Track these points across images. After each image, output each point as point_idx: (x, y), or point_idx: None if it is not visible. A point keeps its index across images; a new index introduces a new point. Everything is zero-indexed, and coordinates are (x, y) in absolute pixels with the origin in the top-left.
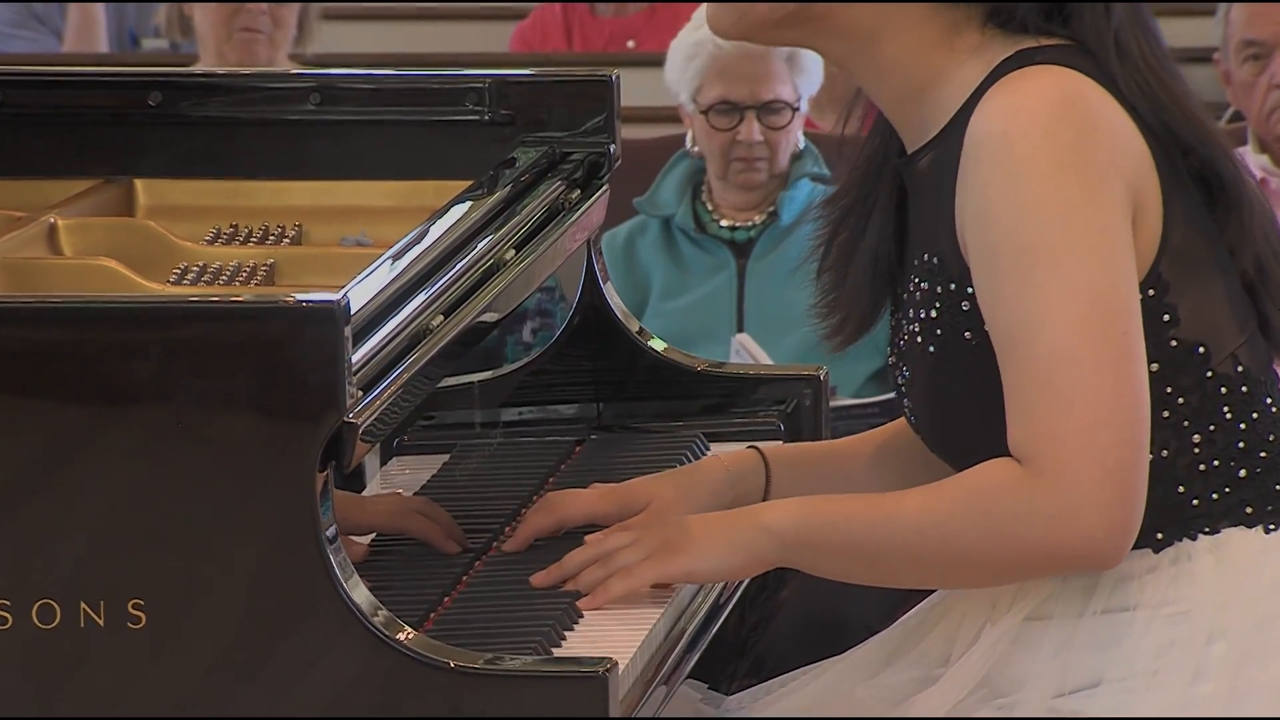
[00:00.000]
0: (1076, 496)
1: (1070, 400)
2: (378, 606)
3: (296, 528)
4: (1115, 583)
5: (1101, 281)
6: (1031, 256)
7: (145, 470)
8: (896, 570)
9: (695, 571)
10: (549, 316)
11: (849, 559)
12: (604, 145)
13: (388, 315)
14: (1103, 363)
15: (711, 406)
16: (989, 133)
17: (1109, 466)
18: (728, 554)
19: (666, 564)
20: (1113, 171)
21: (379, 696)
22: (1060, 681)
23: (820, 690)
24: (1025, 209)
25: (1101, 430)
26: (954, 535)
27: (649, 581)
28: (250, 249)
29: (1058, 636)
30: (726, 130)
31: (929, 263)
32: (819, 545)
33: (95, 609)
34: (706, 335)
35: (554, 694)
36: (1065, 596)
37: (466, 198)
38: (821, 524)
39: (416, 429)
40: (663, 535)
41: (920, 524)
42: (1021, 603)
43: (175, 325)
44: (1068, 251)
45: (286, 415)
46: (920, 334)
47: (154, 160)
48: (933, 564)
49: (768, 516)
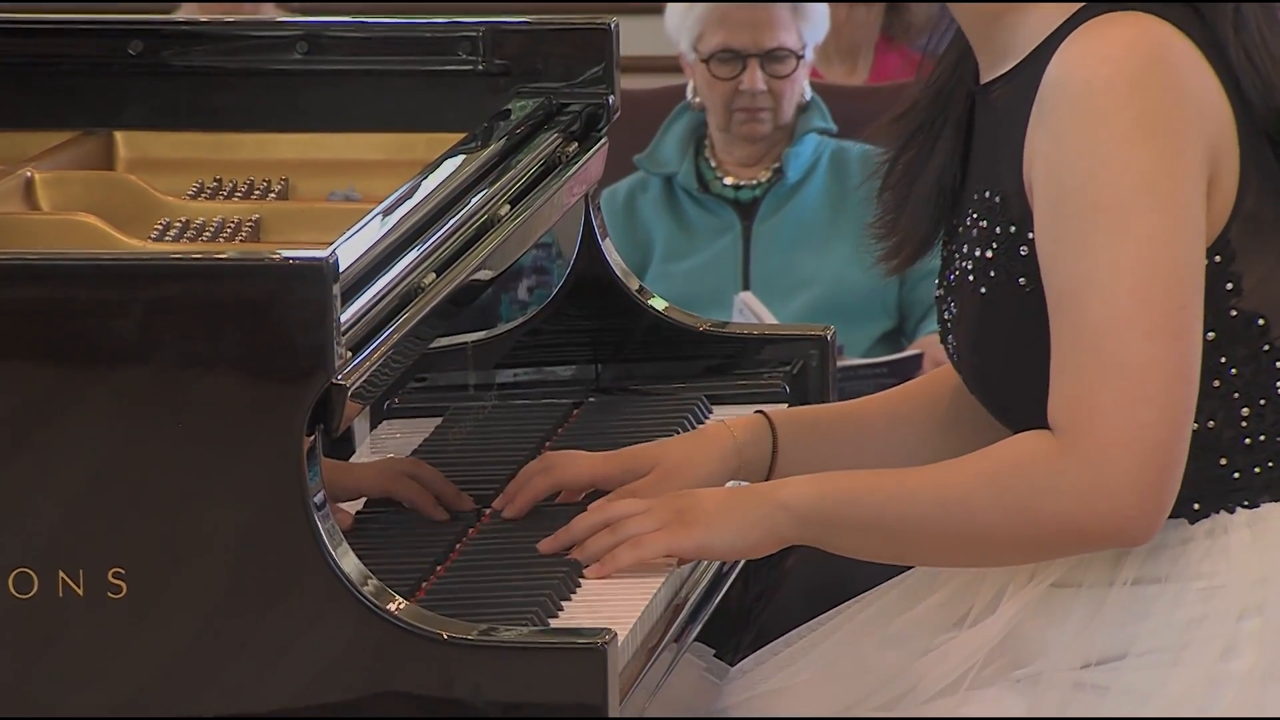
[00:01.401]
0: (1109, 473)
1: (1117, 370)
2: (367, 575)
3: (283, 494)
4: (1148, 552)
5: (1166, 251)
6: (1097, 215)
7: (126, 434)
8: (917, 547)
9: (709, 547)
10: (545, 274)
11: (868, 536)
12: (603, 96)
13: (378, 273)
14: (1156, 335)
15: (714, 368)
16: (1070, 79)
17: (1147, 445)
18: (742, 531)
19: (680, 537)
20: (1193, 135)
21: (369, 669)
22: (1086, 653)
23: (829, 653)
24: (1098, 166)
25: (1144, 406)
26: (978, 509)
27: (660, 553)
28: (235, 204)
29: (1086, 606)
30: (728, 79)
31: (990, 200)
32: (837, 522)
33: (74, 578)
34: (711, 299)
35: (551, 666)
36: (1095, 563)
37: (459, 151)
38: (839, 500)
39: (407, 391)
40: (676, 506)
41: (942, 497)
42: (1049, 566)
43: (157, 284)
44: (1136, 215)
45: (273, 377)
46: (973, 272)
47: (135, 111)
48: (954, 540)
49: (784, 493)
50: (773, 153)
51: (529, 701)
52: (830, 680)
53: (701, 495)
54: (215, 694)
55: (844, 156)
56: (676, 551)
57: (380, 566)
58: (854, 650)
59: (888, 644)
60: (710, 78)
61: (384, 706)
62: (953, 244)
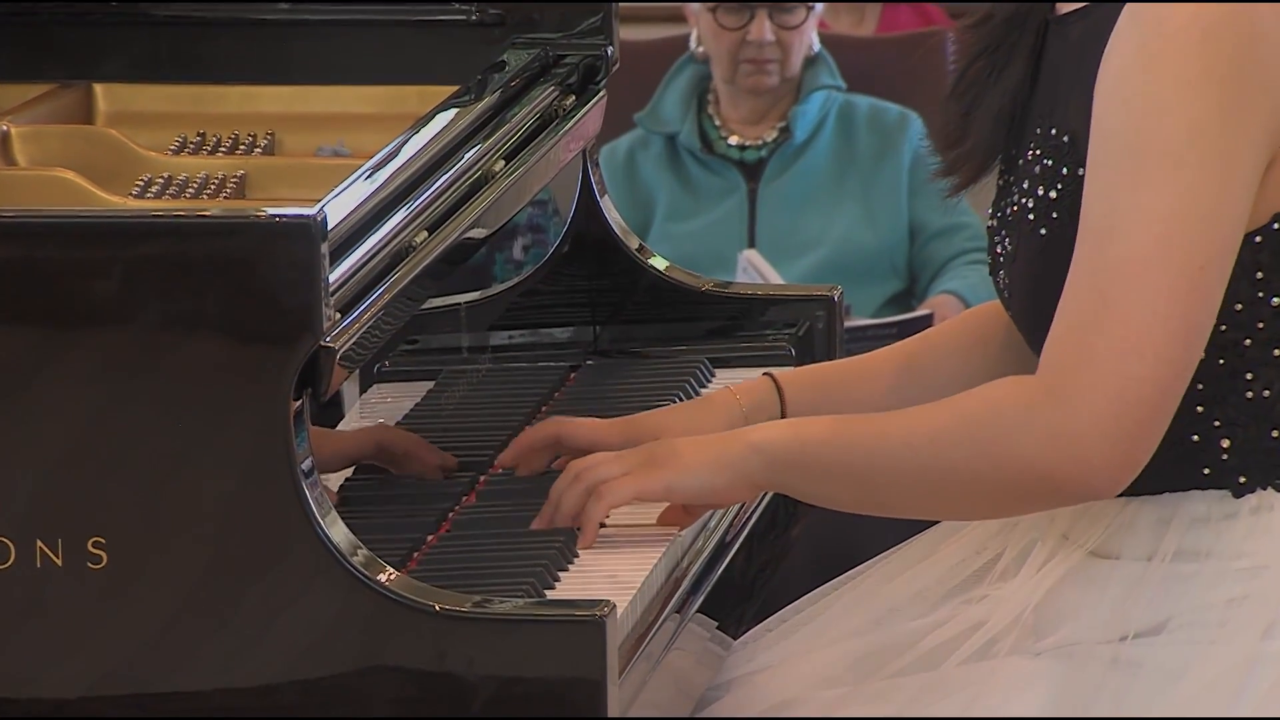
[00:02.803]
0: (1084, 418)
1: (1119, 317)
2: (357, 545)
3: (269, 460)
4: (1190, 524)
5: (1202, 207)
6: (1143, 158)
7: (106, 399)
8: (886, 491)
9: (676, 487)
10: (541, 233)
11: (838, 480)
12: (601, 47)
13: (367, 231)
14: (1167, 290)
15: (717, 329)
16: (1144, 17)
17: (1129, 398)
18: (712, 471)
19: (645, 479)
20: (1262, 99)
21: (358, 642)
22: (1122, 627)
23: (837, 620)
24: (1154, 108)
25: (1137, 359)
26: (946, 448)
27: (627, 497)
28: (219, 159)
29: (1124, 579)
30: (735, 29)
31: (1056, 138)
32: (808, 465)
33: (53, 548)
34: (715, 262)
35: (547, 639)
36: (1134, 532)
37: (452, 104)
38: (810, 440)
39: (398, 354)
40: (647, 452)
41: (911, 437)
42: (1086, 530)
43: (138, 242)
44: (1181, 165)
45: (258, 339)
46: (1033, 211)
47: (115, 63)
48: (922, 483)
49: (756, 435)
50: (778, 108)
51: (525, 676)
52: (839, 649)
53: (675, 440)
54: (199, 668)
55: (852, 112)
56: (643, 494)
57: (370, 536)
58: (864, 617)
59: (901, 610)
60: (716, 27)
61: (374, 681)
62: (1010, 175)
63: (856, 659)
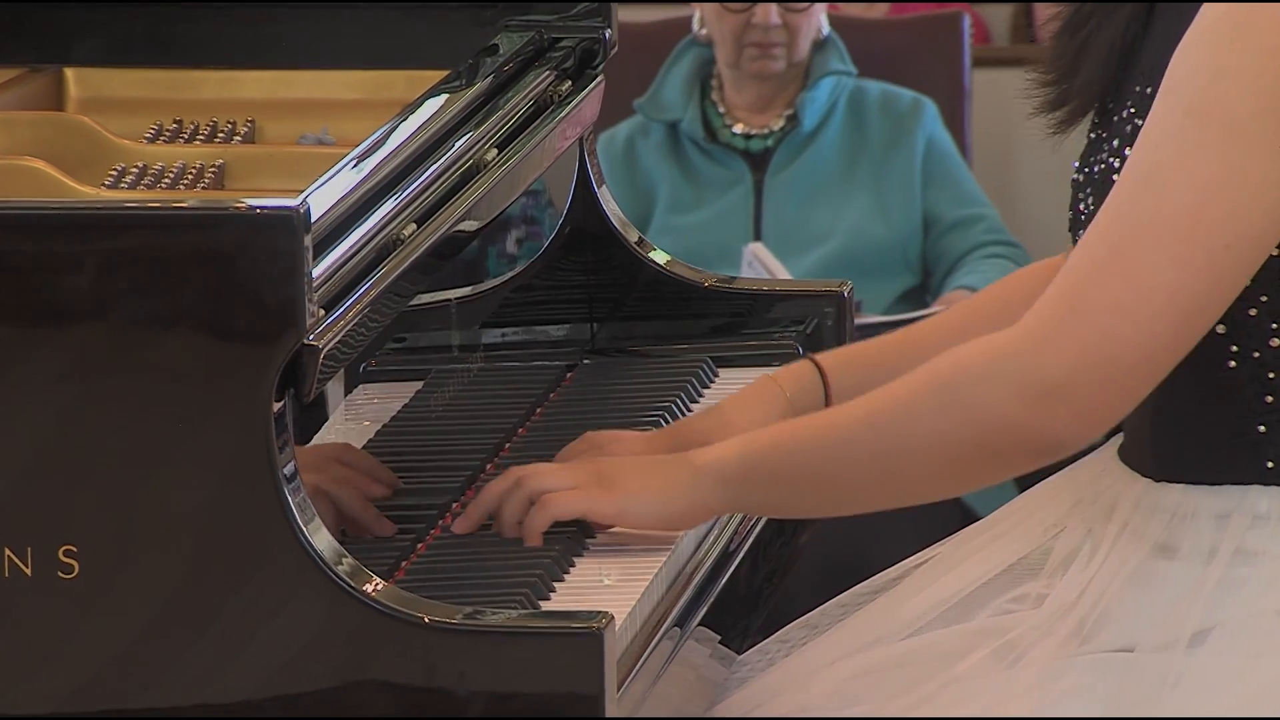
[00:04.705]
0: (1056, 368)
1: (1122, 275)
2: (342, 554)
3: (250, 464)
4: (1251, 520)
5: (1246, 184)
6: (1203, 119)
7: (77, 400)
8: (848, 478)
9: (628, 512)
10: (536, 225)
11: (799, 482)
12: (598, 30)
13: (353, 224)
14: (1182, 261)
15: (721, 327)
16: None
17: (1107, 356)
18: (663, 499)
19: (596, 499)
20: None
21: (343, 655)
22: (1169, 633)
23: (854, 630)
24: (1225, 73)
25: (1128, 321)
26: (908, 418)
27: (575, 513)
28: (196, 148)
29: (1176, 584)
30: (740, 11)
31: (1151, 98)
32: (765, 477)
33: (21, 556)
34: (719, 255)
35: (542, 652)
36: (1195, 525)
37: (442, 90)
38: (763, 451)
39: (386, 352)
40: (595, 469)
41: (872, 415)
42: (1146, 520)
43: (111, 235)
44: (1235, 136)
45: (238, 337)
46: (1118, 172)
47: (87, 46)
48: (880, 463)
49: (702, 458)
50: (785, 95)
51: (518, 691)
52: (859, 660)
53: (624, 461)
54: (176, 683)
55: (862, 98)
56: (592, 514)
57: (356, 543)
58: (889, 625)
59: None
60: (720, 9)
61: (360, 696)
62: (1103, 129)
63: (880, 672)
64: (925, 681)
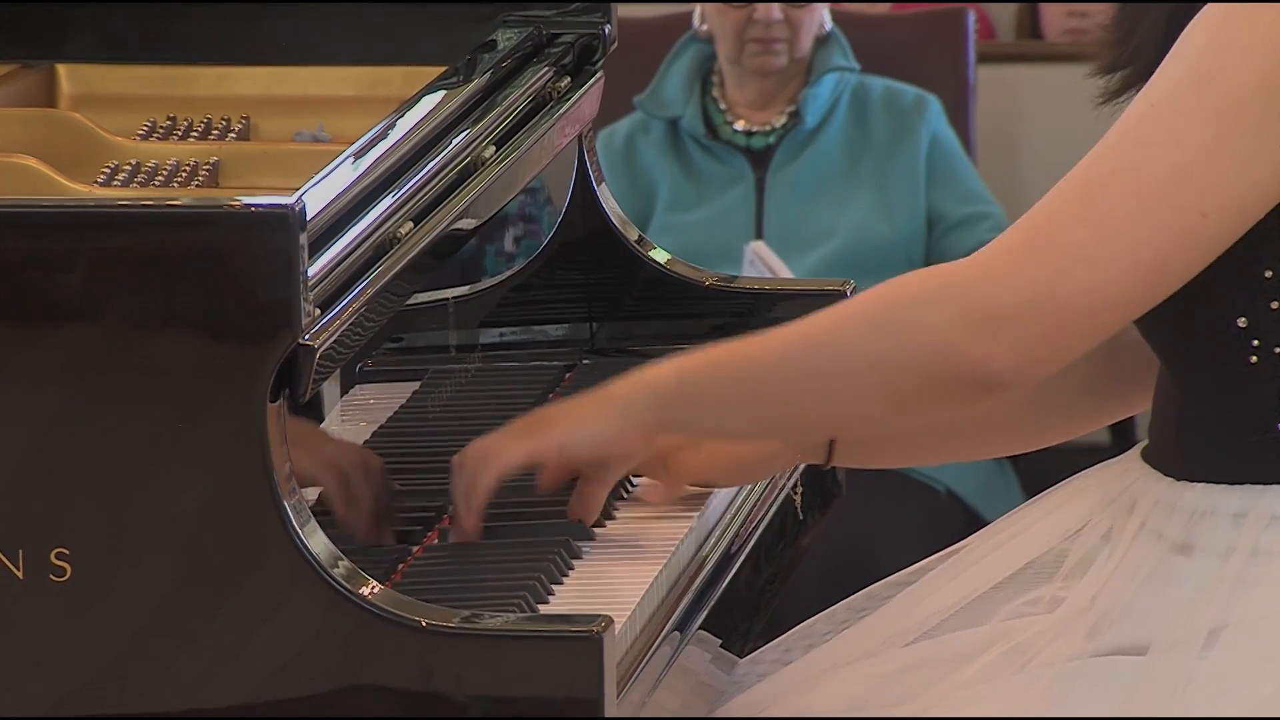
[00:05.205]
0: (1002, 302)
1: (1090, 220)
2: (338, 556)
3: (245, 466)
4: (1270, 520)
5: (1235, 158)
6: (1201, 85)
7: (69, 400)
8: (782, 395)
9: (568, 444)
10: (534, 223)
11: (733, 400)
12: (598, 25)
13: (349, 222)
14: (1154, 220)
15: (722, 326)
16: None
17: (1056, 295)
18: (602, 419)
19: (535, 440)
20: None
21: (339, 660)
22: (1180, 634)
23: (861, 633)
24: (1237, 46)
25: (1087, 267)
26: (847, 334)
27: (518, 459)
28: (190, 145)
29: (1196, 578)
30: (742, 8)
31: None
32: (699, 394)
33: (13, 559)
34: (720, 254)
35: (541, 656)
36: (1213, 523)
37: (439, 86)
38: (698, 368)
39: (382, 352)
40: (528, 418)
41: (810, 333)
42: (1165, 517)
43: (104, 233)
44: (1233, 110)
45: (233, 337)
46: None
47: (80, 42)
48: (820, 377)
49: (644, 375)
50: (787, 91)
51: (516, 695)
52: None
53: (556, 404)
54: (169, 687)
55: (866, 95)
56: (535, 454)
57: (352, 546)
58: (898, 627)
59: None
60: (721, 4)
61: (356, 701)
62: None
63: (890, 675)
64: (935, 684)
